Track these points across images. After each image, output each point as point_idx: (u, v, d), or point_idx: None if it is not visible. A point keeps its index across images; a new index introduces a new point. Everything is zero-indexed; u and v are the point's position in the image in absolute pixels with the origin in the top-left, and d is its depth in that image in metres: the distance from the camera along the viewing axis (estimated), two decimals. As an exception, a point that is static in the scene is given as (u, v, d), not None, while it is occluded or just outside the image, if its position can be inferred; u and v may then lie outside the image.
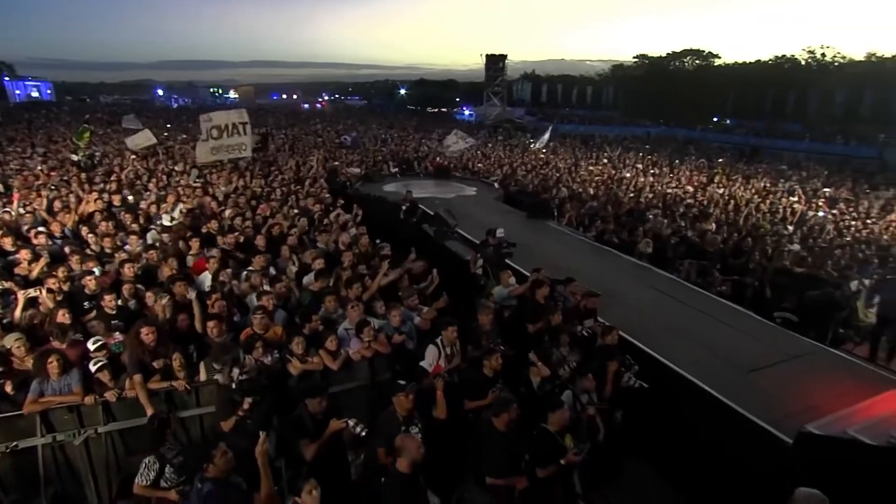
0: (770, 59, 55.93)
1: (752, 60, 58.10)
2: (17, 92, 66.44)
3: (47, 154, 17.08)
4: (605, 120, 56.34)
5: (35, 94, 69.31)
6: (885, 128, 37.48)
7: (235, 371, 4.76)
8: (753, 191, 18.81)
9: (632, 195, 15.90)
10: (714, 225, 12.48)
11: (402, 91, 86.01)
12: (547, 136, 23.45)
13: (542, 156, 23.77)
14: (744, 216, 13.74)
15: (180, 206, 9.48)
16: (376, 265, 7.36)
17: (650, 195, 16.08)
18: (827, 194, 18.77)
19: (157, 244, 7.78)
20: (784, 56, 54.89)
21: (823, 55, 51.29)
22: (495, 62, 54.35)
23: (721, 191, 18.09)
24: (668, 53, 62.48)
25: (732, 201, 15.90)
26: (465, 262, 9.03)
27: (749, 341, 6.81)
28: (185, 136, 23.65)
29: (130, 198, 10.36)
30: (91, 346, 4.94)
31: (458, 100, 75.07)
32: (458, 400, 4.87)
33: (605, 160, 25.35)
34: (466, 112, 63.11)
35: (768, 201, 16.63)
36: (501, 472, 4.31)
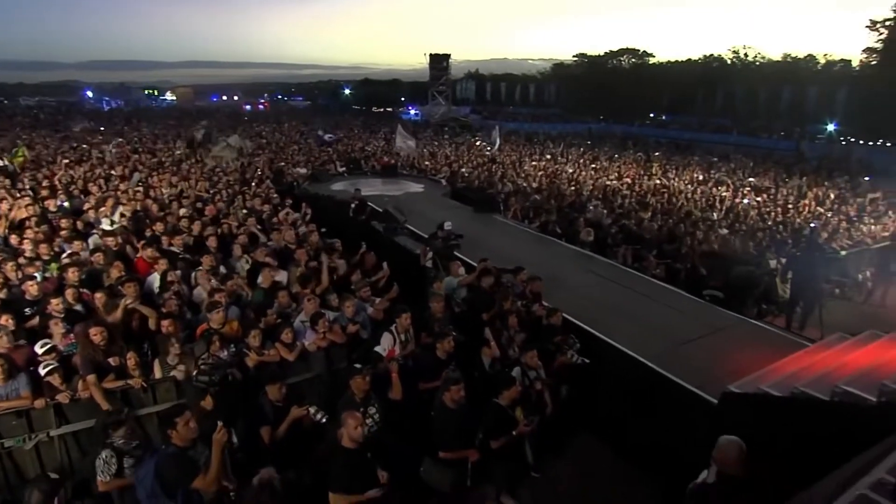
0: (699, 59, 59.03)
1: (684, 59, 61.13)
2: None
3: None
4: (548, 117, 57.75)
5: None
6: (800, 123, 40.62)
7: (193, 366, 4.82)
8: (687, 181, 19.98)
9: (573, 188, 16.58)
10: (650, 213, 13.25)
11: (347, 91, 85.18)
12: (497, 135, 23.90)
13: (488, 152, 24.28)
14: (677, 206, 14.61)
15: (120, 209, 9.27)
16: (329, 261, 7.51)
17: (591, 188, 16.81)
18: (752, 184, 20.15)
19: (102, 248, 7.62)
20: (712, 55, 58.07)
21: (746, 55, 54.70)
22: (439, 61, 54.63)
23: (657, 182, 19.11)
24: (605, 52, 64.71)
25: (666, 191, 16.87)
26: (415, 256, 9.25)
27: (681, 317, 7.37)
28: (120, 139, 22.73)
29: (66, 203, 10.03)
30: (38, 349, 4.88)
31: (402, 99, 75.03)
32: (413, 382, 5.11)
33: (549, 156, 26.14)
34: (412, 111, 63.08)
35: (699, 191, 17.72)
36: (453, 445, 4.56)
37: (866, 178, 22.71)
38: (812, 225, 12.84)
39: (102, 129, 29.77)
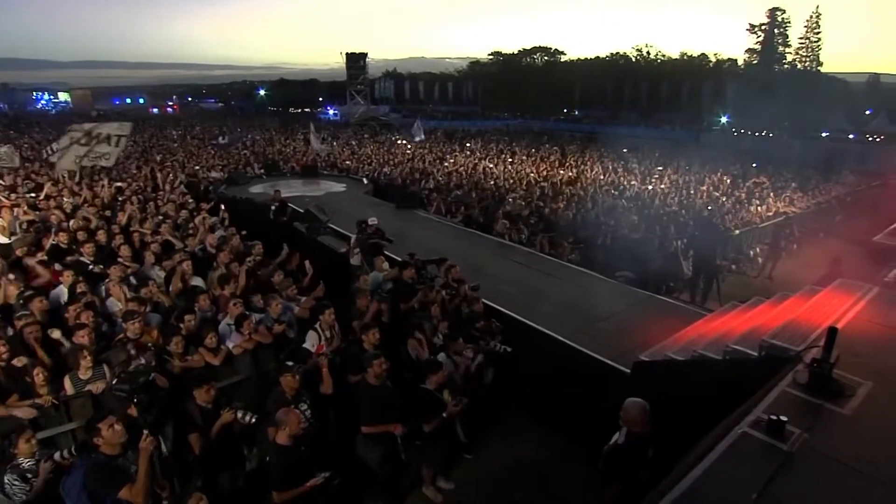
0: (607, 56, 62.34)
1: (593, 56, 64.29)
2: None
3: None
4: (467, 115, 58.83)
5: None
6: (698, 115, 44.09)
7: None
8: (599, 171, 21.10)
9: (493, 182, 17.06)
10: (564, 203, 13.91)
11: (262, 92, 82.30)
12: (418, 129, 23.97)
13: (409, 150, 24.40)
14: (590, 194, 15.42)
15: (17, 220, 8.57)
16: (250, 263, 7.36)
17: (510, 181, 17.38)
18: (658, 171, 21.61)
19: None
20: (618, 53, 61.53)
21: (648, 53, 58.44)
22: (356, 60, 54.27)
23: (571, 173, 20.06)
24: (519, 50, 66.79)
25: (580, 182, 17.77)
26: (340, 255, 9.24)
27: (595, 297, 7.85)
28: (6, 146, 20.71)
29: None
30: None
31: (321, 99, 73.65)
32: (342, 375, 5.15)
33: (468, 152, 26.66)
34: (331, 111, 62.28)
35: (609, 179, 18.80)
36: (374, 420, 4.68)
37: (754, 165, 25.05)
38: (709, 208, 14.04)
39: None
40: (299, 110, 71.10)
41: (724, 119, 44.55)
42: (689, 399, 4.42)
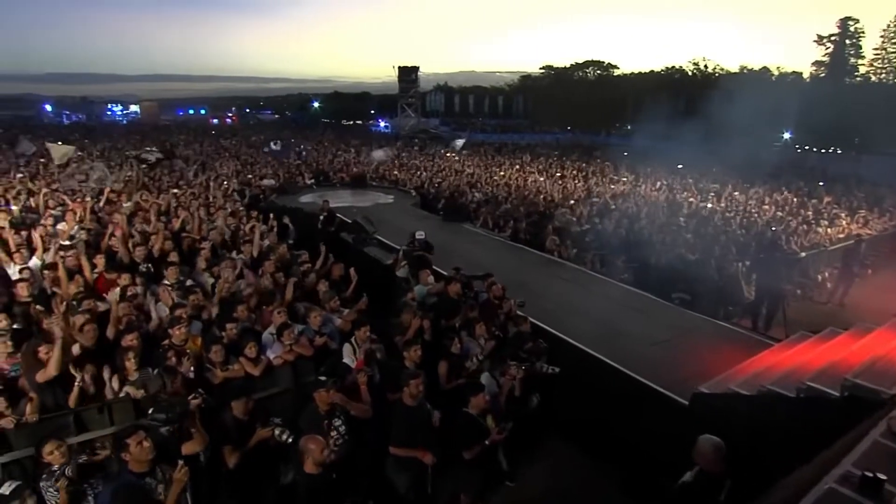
0: (661, 69, 60.81)
1: (647, 70, 62.87)
2: None
3: None
4: (516, 128, 58.56)
5: None
6: (759, 131, 41.97)
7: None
8: (652, 187, 20.36)
9: (542, 196, 16.70)
10: (616, 219, 13.40)
11: (316, 104, 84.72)
12: (461, 141, 23.97)
13: (458, 164, 24.35)
14: (644, 211, 14.84)
15: (76, 224, 8.92)
16: (296, 273, 7.35)
17: (559, 196, 16.98)
18: (716, 189, 20.65)
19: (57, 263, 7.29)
20: (673, 67, 59.90)
21: (706, 66, 56.62)
22: (408, 73, 55.04)
23: (623, 189, 19.45)
24: (571, 64, 66.14)
25: (633, 198, 17.15)
26: (385, 267, 9.15)
27: (649, 320, 7.44)
28: (80, 153, 21.99)
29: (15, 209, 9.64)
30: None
31: (372, 112, 75.03)
32: (380, 393, 4.99)
33: (518, 165, 26.38)
34: (382, 124, 63.29)
35: (663, 196, 18.10)
36: (403, 442, 4.44)
37: (821, 184, 23.60)
38: (773, 228, 13.22)
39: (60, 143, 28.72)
40: (352, 123, 72.68)
41: (786, 135, 42.43)
42: (755, 438, 4.03)
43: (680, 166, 29.66)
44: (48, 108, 79.94)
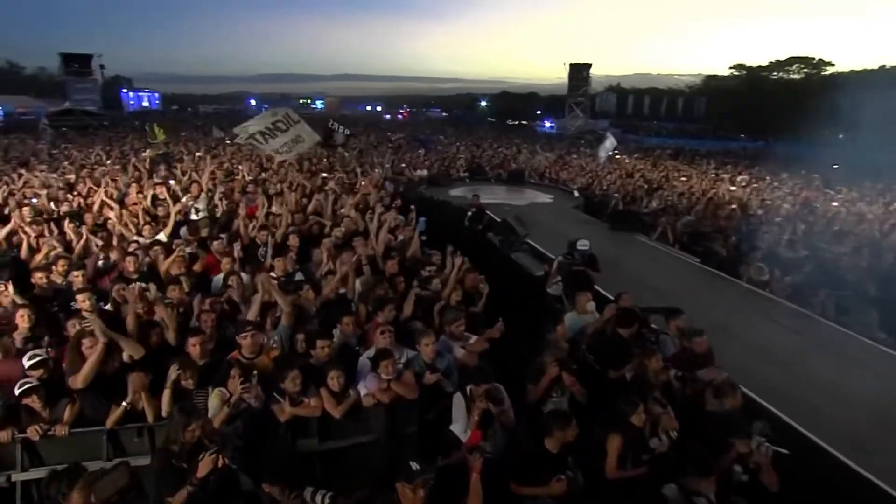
0: (878, 68, 50.07)
1: (864, 68, 52.15)
2: (132, 102, 72.61)
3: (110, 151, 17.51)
4: (696, 133, 52.58)
5: (146, 103, 75.72)
6: None
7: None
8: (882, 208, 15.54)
9: (736, 209, 13.42)
10: (850, 246, 9.94)
11: (483, 103, 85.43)
12: (609, 145, 20.38)
13: (629, 164, 21.48)
14: (888, 238, 10.99)
15: (203, 198, 8.55)
16: (422, 278, 5.92)
17: (760, 210, 13.54)
18: None
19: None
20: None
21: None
22: (579, 71, 52.67)
23: (851, 208, 15.06)
24: (770, 62, 57.68)
25: (864, 220, 12.98)
26: (535, 279, 7.36)
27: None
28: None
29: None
30: (26, 361, 3.76)
31: (538, 112, 73.24)
32: (501, 482, 3.23)
33: (703, 172, 22.66)
34: (547, 124, 61.41)
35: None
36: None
37: None
38: None
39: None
40: (517, 123, 71.76)
41: None
42: None
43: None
44: (252, 103, 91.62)
